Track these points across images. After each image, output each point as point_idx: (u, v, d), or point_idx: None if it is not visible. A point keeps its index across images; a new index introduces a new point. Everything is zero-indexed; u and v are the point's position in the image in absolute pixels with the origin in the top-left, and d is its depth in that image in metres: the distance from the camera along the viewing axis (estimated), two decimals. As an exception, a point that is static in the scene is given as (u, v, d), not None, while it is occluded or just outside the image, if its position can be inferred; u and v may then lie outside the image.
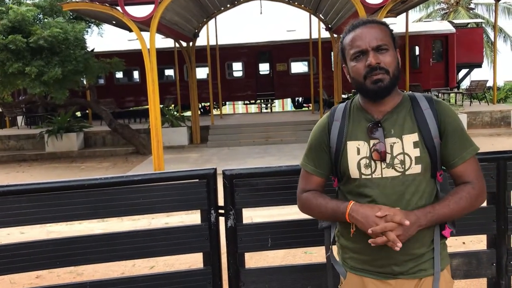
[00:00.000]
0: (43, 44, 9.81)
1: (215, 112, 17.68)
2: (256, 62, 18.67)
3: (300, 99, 20.02)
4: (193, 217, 4.60)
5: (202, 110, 19.19)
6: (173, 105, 15.98)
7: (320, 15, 14.01)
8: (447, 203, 1.50)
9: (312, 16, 14.57)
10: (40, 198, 2.20)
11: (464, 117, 12.68)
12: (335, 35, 14.05)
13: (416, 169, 1.51)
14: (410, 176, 1.52)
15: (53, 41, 9.90)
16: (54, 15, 11.79)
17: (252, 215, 5.03)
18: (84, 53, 10.83)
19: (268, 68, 18.81)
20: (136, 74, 18.71)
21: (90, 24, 14.23)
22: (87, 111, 16.61)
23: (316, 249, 3.25)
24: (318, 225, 1.80)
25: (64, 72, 10.15)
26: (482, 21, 24.29)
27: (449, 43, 17.72)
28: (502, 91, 19.73)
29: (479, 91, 16.21)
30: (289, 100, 21.79)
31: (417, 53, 17.97)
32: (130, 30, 11.70)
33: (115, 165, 11.16)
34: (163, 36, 13.18)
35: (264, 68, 18.88)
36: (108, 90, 18.04)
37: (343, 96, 14.97)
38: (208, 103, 18.10)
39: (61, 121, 13.12)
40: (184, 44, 13.35)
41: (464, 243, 4.12)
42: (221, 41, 16.48)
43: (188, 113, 15.48)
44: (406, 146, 1.52)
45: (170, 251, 2.34)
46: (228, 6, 13.22)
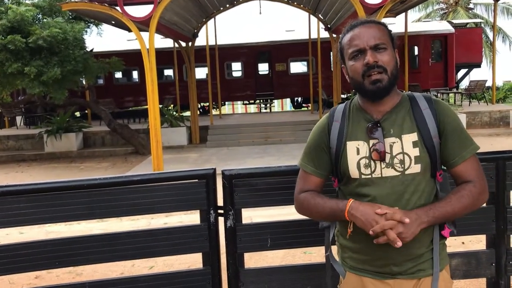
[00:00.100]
0: (42, 44, 9.80)
1: (214, 112, 17.69)
2: (255, 62, 18.66)
3: (299, 99, 20.01)
4: (192, 217, 4.60)
5: (201, 110, 19.18)
6: (172, 105, 15.95)
7: (319, 15, 14.01)
8: (448, 201, 1.50)
9: (311, 16, 14.57)
10: (39, 198, 2.19)
11: (463, 117, 12.70)
12: (334, 35, 14.04)
13: (416, 168, 1.52)
14: (410, 176, 1.52)
15: (52, 41, 9.89)
16: (53, 15, 11.78)
17: (252, 215, 5.03)
18: (83, 53, 10.82)
19: (267, 68, 18.80)
20: (135, 74, 18.69)
21: (89, 24, 14.22)
22: (86, 111, 16.60)
23: (315, 249, 3.25)
24: (319, 225, 1.80)
25: (63, 72, 10.14)
26: (481, 21, 24.30)
27: (448, 43, 17.72)
28: (501, 91, 19.75)
29: (478, 91, 16.21)
30: (288, 100, 21.78)
31: (416, 53, 17.98)
32: (129, 30, 11.69)
33: (114, 165, 11.15)
34: (162, 36, 13.17)
35: (263, 68, 18.88)
36: (107, 90, 18.03)
37: (342, 96, 14.97)
38: (207, 103, 18.10)
39: (60, 121, 13.11)
40: (184, 44, 13.34)
41: (463, 243, 4.13)
42: (220, 41, 16.48)
43: (187, 113, 15.47)
44: (406, 145, 1.52)
45: (170, 251, 2.34)
46: (227, 6, 13.22)
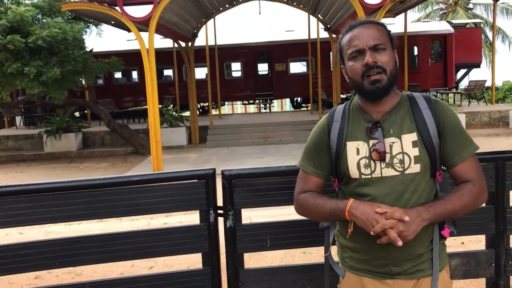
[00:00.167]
0: (42, 44, 9.80)
1: (214, 112, 17.69)
2: (255, 62, 18.67)
3: (299, 99, 20.02)
4: (192, 217, 4.60)
5: (201, 110, 19.18)
6: (172, 105, 15.96)
7: (319, 15, 14.01)
8: (448, 199, 1.50)
9: (311, 16, 14.57)
10: (38, 198, 2.19)
11: (463, 117, 12.70)
12: (334, 35, 14.05)
13: (416, 168, 1.52)
14: (410, 175, 1.52)
15: (51, 41, 9.89)
16: (53, 15, 11.78)
17: (252, 215, 5.03)
18: (82, 53, 10.82)
19: (267, 68, 18.81)
20: (135, 74, 18.69)
21: (88, 24, 14.21)
22: (86, 111, 16.59)
23: (315, 249, 3.25)
24: (319, 225, 1.80)
25: (62, 72, 10.14)
26: (481, 21, 24.31)
27: (448, 43, 17.73)
28: (501, 91, 19.76)
29: (477, 91, 16.22)
30: (288, 100, 21.79)
31: (415, 53, 17.99)
32: (129, 30, 11.68)
33: (114, 166, 11.15)
34: (162, 36, 13.17)
35: (263, 68, 18.88)
36: (107, 90, 18.02)
37: (342, 96, 14.97)
38: (207, 103, 18.10)
39: (59, 121, 13.10)
40: (183, 44, 13.34)
41: (463, 243, 4.13)
42: (220, 41, 16.47)
43: (187, 113, 15.46)
44: (405, 145, 1.53)
45: (169, 252, 2.34)
46: (227, 6, 13.22)
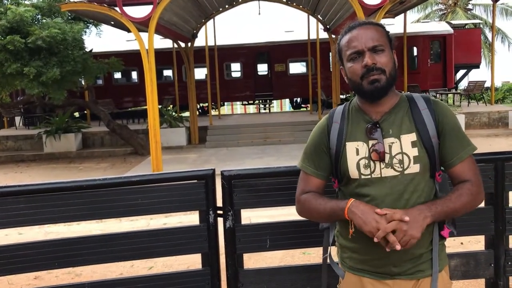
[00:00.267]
0: (42, 44, 9.80)
1: (213, 112, 17.68)
2: (254, 62, 18.67)
3: (299, 99, 20.02)
4: (191, 218, 4.60)
5: (200, 110, 19.17)
6: (171, 106, 15.96)
7: (318, 16, 14.02)
8: (449, 198, 1.51)
9: (311, 16, 14.58)
10: (38, 199, 2.19)
11: (462, 117, 12.70)
12: (333, 36, 14.06)
13: (415, 168, 1.52)
14: (409, 176, 1.52)
15: (51, 41, 9.89)
16: (53, 16, 11.77)
17: (251, 216, 5.03)
18: (82, 53, 10.83)
19: (266, 69, 18.81)
20: (134, 75, 18.68)
21: (88, 24, 14.20)
22: (85, 112, 16.59)
23: (314, 249, 3.25)
24: (319, 226, 1.81)
25: (62, 73, 10.14)
26: (480, 22, 24.35)
27: (447, 43, 17.75)
28: (500, 91, 19.77)
29: (477, 92, 16.23)
30: (287, 100, 21.79)
31: (415, 53, 18.00)
32: (128, 31, 11.67)
33: (113, 166, 11.14)
34: (162, 37, 13.17)
35: (262, 68, 18.88)
36: (107, 90, 18.02)
37: (341, 96, 14.98)
38: (207, 104, 18.10)
39: (59, 121, 13.10)
40: (183, 44, 13.34)
41: (462, 243, 4.13)
42: (219, 42, 16.47)
43: (187, 114, 15.46)
44: (405, 145, 1.53)
45: (169, 252, 2.34)
46: (227, 6, 13.23)
